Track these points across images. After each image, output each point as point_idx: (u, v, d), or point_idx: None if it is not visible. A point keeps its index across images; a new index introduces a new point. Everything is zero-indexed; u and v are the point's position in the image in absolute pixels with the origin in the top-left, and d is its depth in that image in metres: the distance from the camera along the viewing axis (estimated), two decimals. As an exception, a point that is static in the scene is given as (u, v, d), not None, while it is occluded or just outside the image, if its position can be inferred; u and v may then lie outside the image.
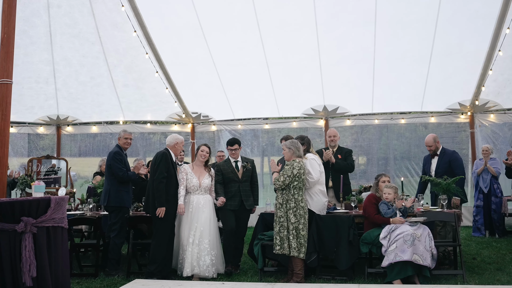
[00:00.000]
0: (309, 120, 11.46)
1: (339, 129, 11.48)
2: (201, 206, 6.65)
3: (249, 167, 7.11)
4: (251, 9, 8.64)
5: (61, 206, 4.98)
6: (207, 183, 6.78)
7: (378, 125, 11.37)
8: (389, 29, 8.91)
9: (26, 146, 11.56)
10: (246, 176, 7.07)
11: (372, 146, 11.68)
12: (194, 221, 6.56)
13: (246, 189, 7.01)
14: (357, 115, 11.37)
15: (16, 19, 8.52)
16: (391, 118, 11.16)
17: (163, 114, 11.50)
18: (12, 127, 11.54)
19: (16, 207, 4.70)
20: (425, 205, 6.69)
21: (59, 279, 4.95)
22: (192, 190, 6.71)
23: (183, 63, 9.96)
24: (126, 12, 8.54)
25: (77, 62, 9.88)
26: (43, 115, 11.28)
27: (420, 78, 9.80)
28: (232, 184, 6.99)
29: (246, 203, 6.97)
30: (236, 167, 7.08)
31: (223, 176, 7.02)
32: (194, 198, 6.70)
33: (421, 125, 11.14)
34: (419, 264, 5.73)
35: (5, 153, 5.72)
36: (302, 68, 9.94)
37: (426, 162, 7.83)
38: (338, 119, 11.38)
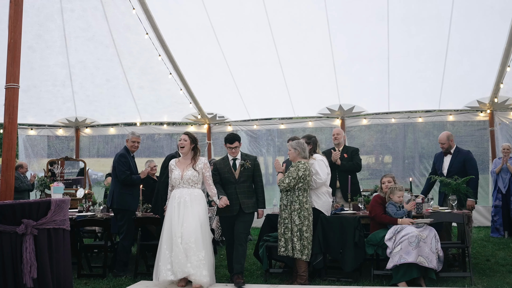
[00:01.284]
0: (325, 120, 11.37)
1: (355, 128, 11.45)
2: (183, 200, 5.97)
3: (248, 166, 6.32)
4: (261, 9, 8.61)
5: (62, 209, 5.05)
6: (190, 175, 6.06)
7: (396, 123, 11.20)
8: (402, 26, 8.76)
9: (45, 148, 11.79)
10: (244, 176, 6.32)
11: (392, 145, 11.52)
12: (176, 217, 5.89)
13: (244, 191, 6.28)
14: (373, 114, 11.21)
15: (30, 24, 8.83)
16: (408, 117, 10.98)
17: (179, 115, 11.57)
18: (32, 129, 11.80)
19: (17, 210, 4.79)
20: (435, 205, 6.56)
21: (61, 280, 5.02)
22: (175, 183, 6.11)
23: (197, 64, 10.00)
24: (138, 15, 8.61)
25: (92, 65, 10.03)
26: (61, 118, 11.49)
27: (436, 75, 9.62)
28: (228, 186, 6.32)
29: (244, 206, 6.22)
30: (233, 165, 6.37)
31: (220, 176, 6.40)
32: (177, 192, 6.04)
33: (439, 123, 10.91)
34: (425, 266, 5.62)
35: (12, 156, 5.79)
36: (315, 67, 9.86)
37: (437, 160, 7.62)
38: (354, 118, 11.27)
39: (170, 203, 6.06)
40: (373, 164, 12.73)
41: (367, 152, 12.14)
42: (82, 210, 7.68)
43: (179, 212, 5.92)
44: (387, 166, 12.16)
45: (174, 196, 6.04)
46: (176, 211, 5.94)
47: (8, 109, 5.90)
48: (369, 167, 12.42)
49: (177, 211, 5.93)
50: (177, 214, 5.91)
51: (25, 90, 10.21)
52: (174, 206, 5.97)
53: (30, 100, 10.55)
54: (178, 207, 5.95)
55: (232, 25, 9.07)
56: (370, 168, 12.36)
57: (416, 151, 11.51)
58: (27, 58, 9.44)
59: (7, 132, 5.83)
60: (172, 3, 8.84)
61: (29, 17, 8.73)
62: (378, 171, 11.75)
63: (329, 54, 9.41)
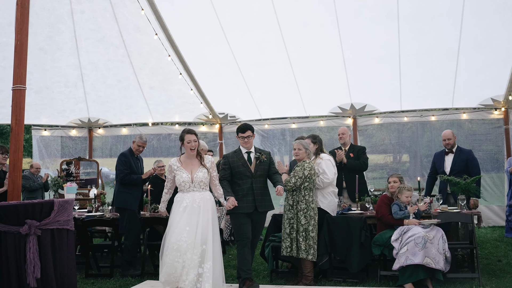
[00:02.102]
0: (336, 119, 11.31)
1: (368, 127, 11.35)
2: (196, 205, 5.35)
3: (264, 159, 5.92)
4: (270, 9, 8.57)
5: (65, 209, 5.08)
6: (201, 177, 5.47)
7: (413, 122, 11.10)
8: (412, 24, 8.65)
9: (59, 149, 11.92)
10: (260, 170, 5.89)
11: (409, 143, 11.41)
12: (187, 224, 5.26)
13: (260, 186, 5.86)
14: (386, 112, 11.11)
15: (41, 26, 8.90)
16: (421, 116, 10.87)
17: (190, 115, 11.60)
18: (46, 130, 11.93)
19: (20, 210, 4.83)
20: (443, 205, 6.46)
21: (65, 280, 5.04)
22: (184, 187, 5.46)
23: (207, 64, 9.99)
24: (147, 16, 8.62)
25: (103, 66, 10.08)
26: (74, 118, 11.59)
27: (449, 73, 9.49)
28: (243, 181, 5.84)
29: (259, 203, 5.80)
30: (248, 159, 5.91)
31: (231, 170, 5.89)
32: (188, 197, 5.41)
33: (452, 122, 10.76)
34: (432, 267, 5.54)
35: (19, 157, 5.83)
36: (326, 66, 9.80)
37: (437, 159, 7.52)
38: (366, 117, 11.19)
39: (177, 208, 5.39)
40: (391, 163, 12.64)
41: (384, 151, 12.05)
42: (91, 210, 7.74)
43: (192, 219, 5.28)
44: (405, 165, 12.07)
45: (182, 201, 5.40)
46: (189, 217, 5.29)
47: (15, 110, 5.94)
48: (386, 166, 12.33)
49: (190, 217, 5.29)
50: (189, 221, 5.26)
51: (38, 92, 10.36)
52: (180, 210, 5.35)
53: (43, 101, 10.67)
54: (188, 213, 5.31)
55: (240, 25, 9.04)
56: (388, 167, 12.26)
57: (434, 150, 11.40)
58: (39, 59, 9.59)
59: (14, 133, 5.87)
60: (181, 4, 8.84)
61: (40, 19, 8.84)
62: (395, 170, 11.63)
63: (339, 53, 9.34)
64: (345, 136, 7.74)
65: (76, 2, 8.73)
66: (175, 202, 5.49)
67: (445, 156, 7.44)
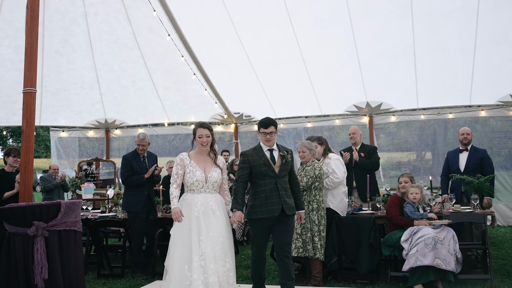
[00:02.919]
0: (352, 117, 11.22)
1: (385, 125, 11.23)
2: (210, 209, 4.81)
3: (289, 159, 5.19)
4: (282, 7, 8.54)
5: (72, 211, 5.12)
6: (216, 177, 4.94)
7: (430, 120, 10.94)
8: (427, 20, 8.52)
9: (77, 150, 12.06)
10: (284, 170, 5.15)
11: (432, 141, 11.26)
12: (200, 232, 4.70)
13: (285, 187, 5.11)
14: (402, 110, 10.96)
15: (56, 29, 9.02)
16: (438, 113, 10.70)
17: (206, 115, 11.62)
18: (64, 131, 12.09)
19: (28, 212, 4.89)
20: (456, 205, 6.34)
21: (72, 280, 5.09)
22: (196, 187, 4.87)
23: (221, 64, 10.00)
24: (159, 17, 8.65)
25: (118, 67, 10.18)
26: (91, 119, 11.72)
27: (466, 70, 9.32)
28: (265, 181, 5.07)
29: (286, 205, 5.02)
30: (271, 157, 5.17)
31: (251, 170, 5.11)
32: (199, 198, 4.84)
33: (471, 119, 10.57)
34: (442, 269, 5.44)
35: (31, 158, 5.91)
36: (340, 64, 9.73)
37: (451, 157, 7.38)
38: (382, 115, 11.07)
39: (188, 211, 4.79)
40: (414, 161, 12.48)
41: (407, 149, 11.92)
42: (105, 211, 7.80)
43: (205, 225, 4.73)
44: (428, 163, 11.91)
45: (195, 203, 4.81)
46: (202, 223, 4.73)
47: (26, 113, 6.01)
48: (409, 164, 12.19)
49: (203, 223, 4.73)
50: (203, 228, 4.72)
51: (55, 94, 10.52)
52: (196, 215, 4.76)
53: (60, 103, 10.82)
54: (205, 218, 4.76)
55: (253, 24, 9.02)
56: (411, 165, 12.12)
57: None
58: (54, 62, 9.73)
59: (25, 136, 5.95)
60: (193, 4, 8.85)
61: (54, 21, 8.97)
62: (418, 168, 11.51)
63: (353, 50, 9.25)
64: (356, 135, 7.67)
65: (89, 5, 8.82)
66: (184, 204, 4.86)
67: (459, 154, 7.31)
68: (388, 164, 13.33)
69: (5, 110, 10.50)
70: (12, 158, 6.66)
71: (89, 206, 7.86)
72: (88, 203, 7.97)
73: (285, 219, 5.06)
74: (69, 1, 8.71)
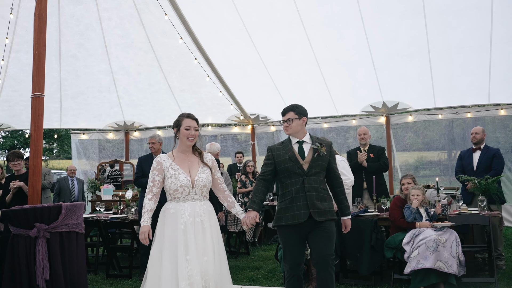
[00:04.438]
0: (368, 118, 11.13)
1: (402, 125, 11.11)
2: (200, 221, 3.97)
3: (324, 153, 4.30)
4: (293, 8, 8.53)
5: (74, 213, 5.26)
6: (204, 180, 4.07)
7: (443, 120, 10.77)
8: (440, 18, 8.39)
9: (97, 152, 12.31)
10: (318, 166, 4.28)
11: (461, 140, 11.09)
12: (187, 250, 3.86)
13: (317, 187, 4.24)
14: (419, 110, 10.81)
15: (72, 34, 9.23)
16: (456, 112, 10.52)
17: (222, 116, 11.72)
18: (84, 134, 12.35)
19: (29, 214, 5.04)
20: (463, 206, 6.23)
21: (74, 281, 5.22)
22: (181, 194, 4.00)
23: (234, 65, 10.06)
24: (171, 20, 8.76)
25: (134, 71, 10.35)
26: (111, 122, 11.94)
27: (482, 68, 9.13)
28: (291, 180, 4.27)
29: (314, 209, 4.17)
30: (300, 150, 4.34)
31: (275, 166, 4.37)
32: (186, 208, 3.98)
33: (490, 118, 10.36)
34: (444, 272, 5.35)
35: (39, 162, 6.06)
36: (354, 64, 9.67)
37: (464, 157, 7.25)
38: (399, 115, 10.95)
39: (174, 225, 3.91)
40: (444, 160, 12.32)
41: (438, 148, 11.77)
42: (117, 212, 7.94)
43: (192, 240, 3.88)
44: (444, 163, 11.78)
45: (181, 214, 3.93)
46: (190, 239, 3.88)
47: (34, 117, 6.17)
48: (440, 163, 12.04)
49: (191, 239, 3.88)
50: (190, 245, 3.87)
51: (74, 97, 10.76)
52: (180, 229, 3.88)
53: (79, 106, 11.06)
54: (190, 230, 3.91)
55: (264, 26, 9.04)
56: (442, 164, 11.97)
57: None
58: (71, 66, 9.96)
59: (33, 140, 6.10)
60: (204, 7, 8.93)
61: (70, 27, 9.18)
62: (447, 168, 11.37)
63: (366, 50, 9.18)
64: (367, 136, 7.60)
65: (103, 10, 9.00)
66: (167, 216, 3.99)
67: (473, 154, 7.20)
68: (418, 164, 13.19)
69: (26, 113, 10.76)
70: (11, 163, 6.79)
71: (102, 208, 8.00)
72: (100, 204, 8.11)
73: (320, 224, 4.21)
74: (83, 7, 8.90)
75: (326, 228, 4.23)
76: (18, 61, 9.50)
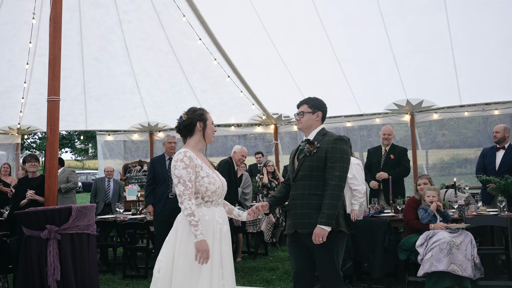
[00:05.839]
0: (392, 116, 10.92)
1: (426, 123, 10.88)
2: (226, 229, 3.59)
3: (311, 150, 3.82)
4: (311, 7, 8.45)
5: (85, 215, 5.33)
6: (225, 184, 3.71)
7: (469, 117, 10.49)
8: (462, 13, 8.16)
9: (122, 152, 12.48)
10: (305, 169, 3.82)
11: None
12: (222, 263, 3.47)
13: (303, 194, 3.78)
14: (444, 108, 10.55)
15: (93, 37, 9.37)
16: (483, 110, 10.21)
17: (245, 116, 11.71)
18: (109, 135, 12.53)
19: (41, 216, 5.13)
20: (482, 207, 6.05)
21: (86, 282, 5.30)
22: (217, 197, 3.58)
23: (255, 65, 10.02)
24: (189, 22, 8.80)
25: (155, 72, 10.43)
26: (135, 123, 12.07)
27: (509, 64, 8.86)
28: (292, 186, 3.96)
29: (297, 220, 3.78)
30: (299, 151, 4.00)
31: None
32: (220, 214, 3.57)
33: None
34: (458, 275, 5.21)
35: (55, 164, 6.16)
36: (375, 62, 9.51)
37: (487, 155, 7.03)
38: (424, 113, 10.69)
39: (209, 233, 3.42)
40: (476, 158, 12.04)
41: (470, 145, 11.51)
42: (136, 213, 8.02)
43: (227, 252, 3.54)
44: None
45: (216, 221, 3.50)
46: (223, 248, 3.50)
47: (50, 120, 6.29)
48: (471, 162, 11.76)
49: (225, 249, 3.53)
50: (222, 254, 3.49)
51: (98, 99, 10.93)
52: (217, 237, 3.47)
53: (104, 108, 11.23)
54: (224, 240, 3.53)
55: (283, 25, 8.98)
56: (473, 162, 11.69)
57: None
58: (94, 68, 10.12)
59: (49, 142, 6.22)
60: (223, 8, 8.94)
61: (91, 30, 9.33)
62: None
63: (388, 48, 9.00)
64: (391, 137, 7.47)
65: (123, 13, 9.10)
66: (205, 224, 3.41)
67: (496, 153, 6.98)
68: (454, 161, 12.90)
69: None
70: (27, 164, 6.89)
71: (121, 209, 8.10)
72: (120, 205, 8.20)
73: (310, 239, 3.68)
74: (103, 10, 9.02)
75: (325, 243, 3.65)
76: (43, 64, 9.67)
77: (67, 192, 8.51)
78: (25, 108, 10.64)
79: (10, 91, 10.23)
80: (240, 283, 6.39)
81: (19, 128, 11.53)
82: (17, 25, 8.79)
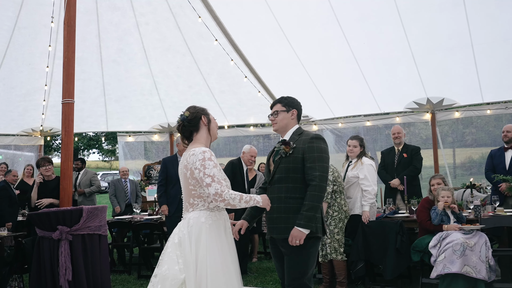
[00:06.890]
0: (413, 115, 10.75)
1: (447, 122, 10.68)
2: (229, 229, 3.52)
3: (286, 151, 3.65)
4: (327, 6, 8.39)
5: (96, 216, 5.39)
6: None
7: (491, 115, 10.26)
8: (481, 10, 7.99)
9: (142, 153, 12.59)
10: (281, 171, 3.66)
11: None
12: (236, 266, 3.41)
13: (279, 197, 3.63)
14: (466, 106, 10.34)
15: (111, 39, 9.48)
16: (506, 108, 9.98)
17: (263, 116, 11.67)
18: (130, 136, 12.66)
19: (52, 217, 5.21)
20: (499, 208, 5.90)
21: (98, 283, 5.36)
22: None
23: (272, 66, 10.00)
24: (205, 23, 8.83)
25: (173, 73, 10.50)
26: (155, 124, 12.16)
27: (531, 60, 8.66)
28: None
29: (273, 225, 3.66)
30: (274, 153, 3.83)
31: None
32: (223, 217, 3.45)
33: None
34: (472, 277, 5.09)
35: (69, 165, 6.25)
36: (394, 61, 9.37)
37: (495, 155, 6.86)
38: (445, 111, 10.50)
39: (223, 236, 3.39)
40: None
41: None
42: (152, 213, 8.08)
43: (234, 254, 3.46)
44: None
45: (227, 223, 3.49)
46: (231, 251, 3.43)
47: (65, 122, 6.40)
48: None
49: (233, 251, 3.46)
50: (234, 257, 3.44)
51: (117, 101, 11.05)
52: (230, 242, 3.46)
53: (123, 109, 11.36)
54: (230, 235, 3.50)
55: (299, 25, 8.94)
56: None
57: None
58: (113, 71, 10.24)
59: (64, 144, 6.33)
60: (238, 9, 8.94)
61: (109, 33, 9.44)
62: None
63: (406, 46, 8.87)
64: (401, 135, 7.37)
65: (140, 15, 9.19)
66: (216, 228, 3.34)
67: (504, 153, 6.83)
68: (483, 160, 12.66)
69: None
70: (42, 168, 6.91)
71: (137, 209, 8.16)
72: (137, 205, 8.27)
73: (286, 244, 3.54)
74: (121, 13, 9.12)
75: (291, 251, 3.50)
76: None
77: (91, 195, 8.64)
78: (47, 110, 10.83)
79: (31, 94, 10.43)
80: (253, 284, 6.38)
81: (42, 130, 11.75)
82: (36, 29, 8.96)
